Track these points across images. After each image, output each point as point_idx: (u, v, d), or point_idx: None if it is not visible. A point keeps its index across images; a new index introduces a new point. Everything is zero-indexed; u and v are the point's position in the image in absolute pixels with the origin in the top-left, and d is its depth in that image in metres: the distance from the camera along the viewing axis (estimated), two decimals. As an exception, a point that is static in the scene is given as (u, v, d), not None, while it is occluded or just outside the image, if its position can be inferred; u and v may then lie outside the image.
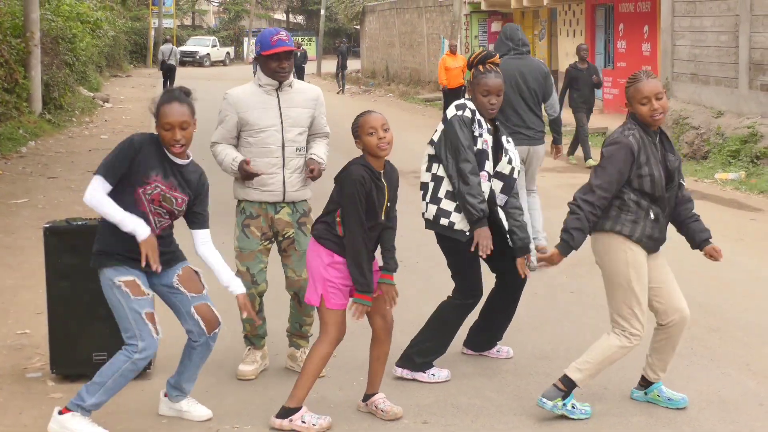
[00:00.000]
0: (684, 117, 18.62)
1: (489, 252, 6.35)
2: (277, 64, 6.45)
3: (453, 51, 25.49)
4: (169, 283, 5.75)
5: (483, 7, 33.67)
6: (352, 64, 55.71)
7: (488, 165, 6.53)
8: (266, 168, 6.48)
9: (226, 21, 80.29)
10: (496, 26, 33.96)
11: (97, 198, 5.52)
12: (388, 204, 5.85)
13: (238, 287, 5.77)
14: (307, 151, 6.60)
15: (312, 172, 6.45)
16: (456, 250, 6.59)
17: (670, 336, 6.12)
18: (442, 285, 8.66)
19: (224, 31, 76.74)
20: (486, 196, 6.47)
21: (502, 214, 6.60)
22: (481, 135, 6.52)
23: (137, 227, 5.51)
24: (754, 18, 17.28)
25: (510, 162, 6.63)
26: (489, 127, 6.63)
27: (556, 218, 12.23)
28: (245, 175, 6.40)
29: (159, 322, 5.64)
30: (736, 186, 14.99)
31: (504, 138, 6.71)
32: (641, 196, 5.81)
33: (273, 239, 6.63)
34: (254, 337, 6.74)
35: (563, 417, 5.93)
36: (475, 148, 6.47)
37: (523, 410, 6.11)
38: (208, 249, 5.80)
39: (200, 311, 5.75)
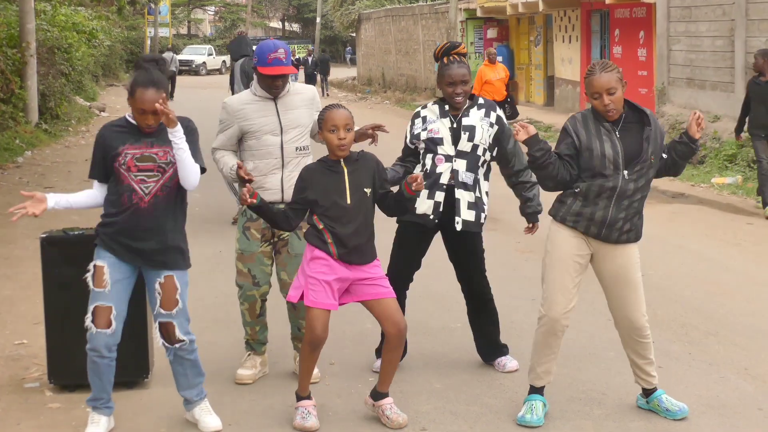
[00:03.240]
0: (680, 122, 18.64)
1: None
2: (271, 82, 6.50)
3: (492, 60, 21.48)
4: (151, 287, 5.81)
5: (479, 13, 33.70)
6: (349, 72, 55.73)
7: (442, 149, 6.63)
8: (266, 169, 6.54)
9: (222, 29, 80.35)
10: (491, 33, 33.98)
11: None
12: (359, 187, 5.83)
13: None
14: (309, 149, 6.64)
15: None
16: (403, 234, 6.81)
17: (626, 344, 6.11)
18: (437, 292, 8.67)
19: (220, 40, 76.73)
20: (446, 178, 6.62)
21: (460, 195, 6.66)
22: (425, 129, 6.67)
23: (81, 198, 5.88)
24: (749, 22, 17.32)
25: (471, 139, 6.64)
26: (446, 109, 6.68)
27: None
28: (241, 180, 6.45)
29: (114, 319, 5.66)
30: (732, 190, 14.99)
31: (471, 118, 6.67)
32: (576, 176, 5.86)
33: (271, 240, 6.65)
34: (255, 342, 6.76)
35: (561, 423, 5.94)
36: (421, 140, 6.67)
37: (522, 416, 6.11)
38: None
39: (163, 328, 5.79)
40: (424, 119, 6.70)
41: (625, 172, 5.78)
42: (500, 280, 7.12)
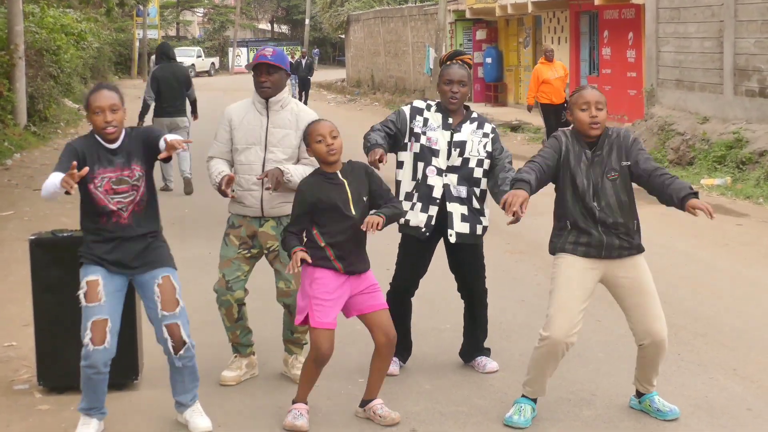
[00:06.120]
0: (669, 123, 18.66)
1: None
2: (258, 77, 6.51)
3: (549, 58, 20.04)
4: (149, 291, 5.78)
5: (468, 15, 33.69)
6: (338, 74, 55.67)
7: (435, 161, 6.65)
8: (247, 185, 6.54)
9: (210, 31, 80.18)
10: (481, 34, 33.98)
11: (46, 183, 5.62)
12: (359, 197, 5.88)
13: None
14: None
15: (266, 176, 6.39)
16: (405, 243, 6.84)
17: (646, 356, 6.07)
18: (426, 294, 8.67)
19: (209, 42, 76.63)
20: (438, 192, 6.62)
21: (453, 208, 6.65)
22: (424, 132, 6.67)
23: (54, 179, 5.54)
24: (738, 24, 17.35)
25: (461, 154, 6.65)
26: (449, 122, 6.67)
27: (543, 225, 12.27)
28: (220, 191, 6.42)
29: (109, 332, 5.63)
30: (721, 191, 15.02)
31: (462, 133, 6.68)
32: (562, 206, 5.92)
33: (251, 249, 6.63)
34: (238, 345, 6.76)
35: (550, 425, 5.95)
36: (417, 143, 6.67)
37: (512, 417, 6.11)
38: None
39: (170, 330, 5.77)
40: (426, 121, 6.70)
41: (594, 203, 5.85)
42: (490, 281, 7.11)
